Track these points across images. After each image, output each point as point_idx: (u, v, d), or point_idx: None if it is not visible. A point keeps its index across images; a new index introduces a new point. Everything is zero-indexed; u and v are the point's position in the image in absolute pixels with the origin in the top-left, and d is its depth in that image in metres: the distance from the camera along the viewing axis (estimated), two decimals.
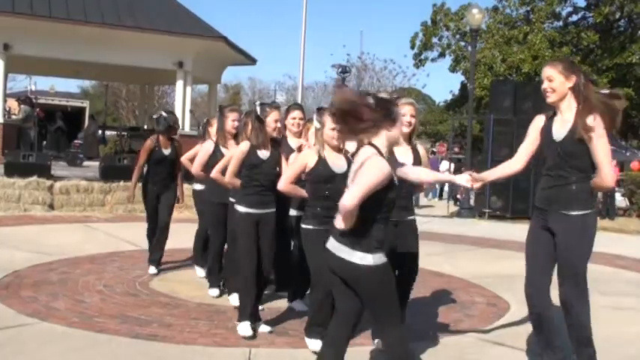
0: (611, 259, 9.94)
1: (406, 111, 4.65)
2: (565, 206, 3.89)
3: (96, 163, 14.61)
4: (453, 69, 26.32)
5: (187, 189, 7.74)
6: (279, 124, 5.28)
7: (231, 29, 78.60)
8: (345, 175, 4.32)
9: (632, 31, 23.42)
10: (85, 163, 17.45)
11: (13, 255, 7.47)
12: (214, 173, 5.49)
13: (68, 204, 11.98)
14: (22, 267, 6.84)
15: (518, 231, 12.88)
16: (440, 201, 20.76)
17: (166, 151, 6.94)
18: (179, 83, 18.61)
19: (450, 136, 20.46)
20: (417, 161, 4.65)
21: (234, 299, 5.56)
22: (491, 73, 22.84)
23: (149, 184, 7.06)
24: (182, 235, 7.83)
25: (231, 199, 5.45)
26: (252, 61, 21.57)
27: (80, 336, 4.70)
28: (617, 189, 18.82)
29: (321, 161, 4.52)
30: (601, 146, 3.80)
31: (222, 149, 6.00)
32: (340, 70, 25.17)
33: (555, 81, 3.91)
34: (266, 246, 4.97)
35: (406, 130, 4.63)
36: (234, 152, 5.12)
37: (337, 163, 4.53)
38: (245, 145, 5.01)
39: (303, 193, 4.69)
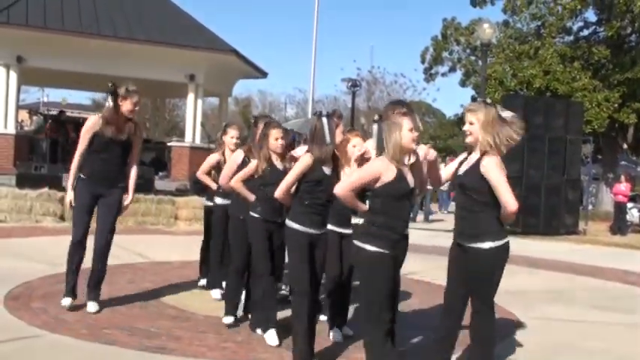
0: (622, 275, 9.87)
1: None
2: None
3: None
4: (463, 83, 26.30)
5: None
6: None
7: (242, 42, 78.98)
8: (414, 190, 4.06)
9: None
10: None
11: (23, 266, 7.50)
12: (235, 182, 5.25)
13: None
14: (32, 278, 6.86)
15: (529, 246, 12.84)
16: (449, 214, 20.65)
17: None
18: (190, 96, 18.70)
19: (461, 151, 20.37)
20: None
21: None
22: (502, 88, 22.78)
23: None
24: (192, 247, 7.84)
25: (253, 214, 5.16)
26: (262, 74, 21.67)
27: (89, 348, 4.70)
28: (632, 204, 18.71)
29: (401, 175, 3.92)
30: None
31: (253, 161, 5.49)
32: (350, 84, 25.23)
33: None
34: (318, 267, 4.67)
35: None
36: (297, 165, 4.62)
37: (409, 175, 4.02)
38: (309, 158, 4.56)
39: (364, 207, 4.09)
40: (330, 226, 4.93)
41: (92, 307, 5.67)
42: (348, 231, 5.04)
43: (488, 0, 25.19)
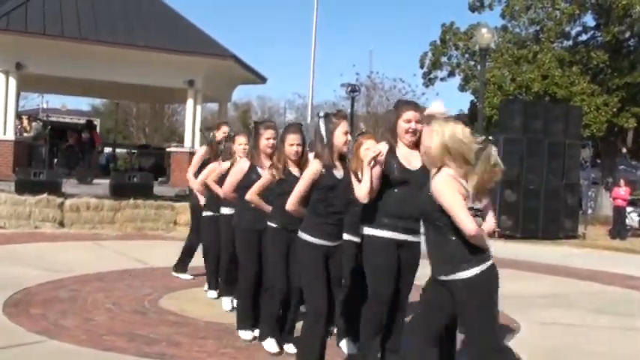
0: (623, 279, 9.86)
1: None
2: None
3: (106, 181, 14.66)
4: (462, 88, 26.31)
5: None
6: (349, 137, 4.49)
7: (241, 48, 79.09)
8: None
9: None
10: (95, 180, 17.53)
11: (23, 272, 7.49)
12: (250, 195, 5.03)
13: (78, 221, 12.01)
14: (31, 284, 6.84)
15: (528, 251, 12.84)
16: None
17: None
18: (189, 102, 18.70)
19: None
20: None
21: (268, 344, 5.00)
22: (501, 93, 22.81)
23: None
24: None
25: (271, 224, 4.91)
26: (262, 79, 21.67)
27: (88, 354, 4.70)
28: (631, 209, 18.71)
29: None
30: None
31: (259, 169, 5.31)
32: (349, 89, 25.24)
33: None
34: (335, 280, 4.44)
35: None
36: (305, 173, 4.46)
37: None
38: (318, 165, 4.38)
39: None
40: (346, 236, 4.67)
41: None
42: None
43: (486, 5, 25.24)
